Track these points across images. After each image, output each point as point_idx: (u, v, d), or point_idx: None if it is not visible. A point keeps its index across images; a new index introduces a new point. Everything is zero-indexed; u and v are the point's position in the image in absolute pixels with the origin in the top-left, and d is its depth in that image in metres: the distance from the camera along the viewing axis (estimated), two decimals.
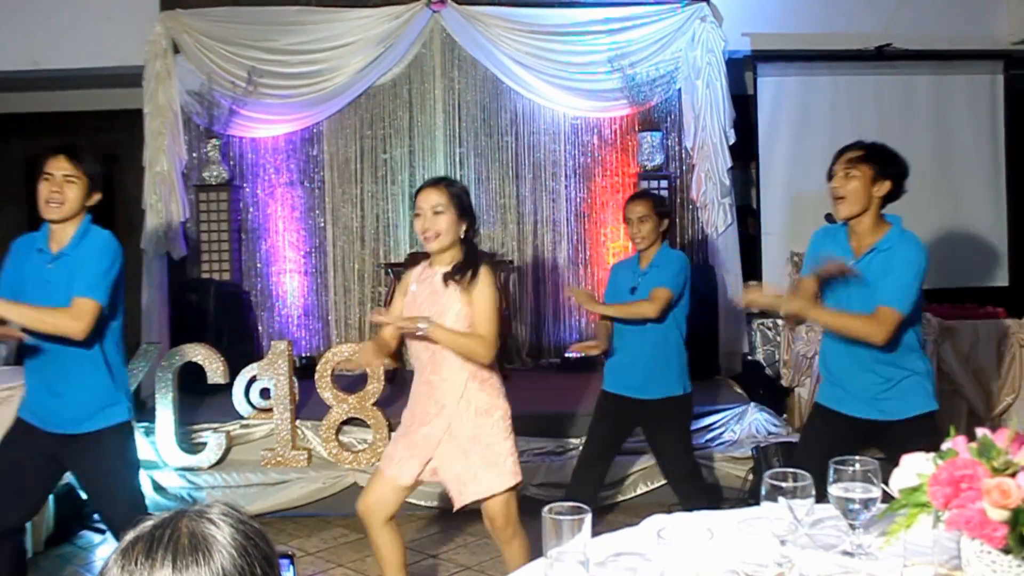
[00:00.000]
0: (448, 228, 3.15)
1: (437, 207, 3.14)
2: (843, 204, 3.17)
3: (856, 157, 3.17)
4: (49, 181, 3.14)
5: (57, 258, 3.16)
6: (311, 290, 7.51)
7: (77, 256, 3.16)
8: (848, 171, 3.16)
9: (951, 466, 1.46)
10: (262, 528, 1.14)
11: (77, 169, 3.16)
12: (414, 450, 3.20)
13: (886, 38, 7.23)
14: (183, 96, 7.11)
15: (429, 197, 3.16)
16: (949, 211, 7.36)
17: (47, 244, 3.19)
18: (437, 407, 3.18)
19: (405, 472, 3.20)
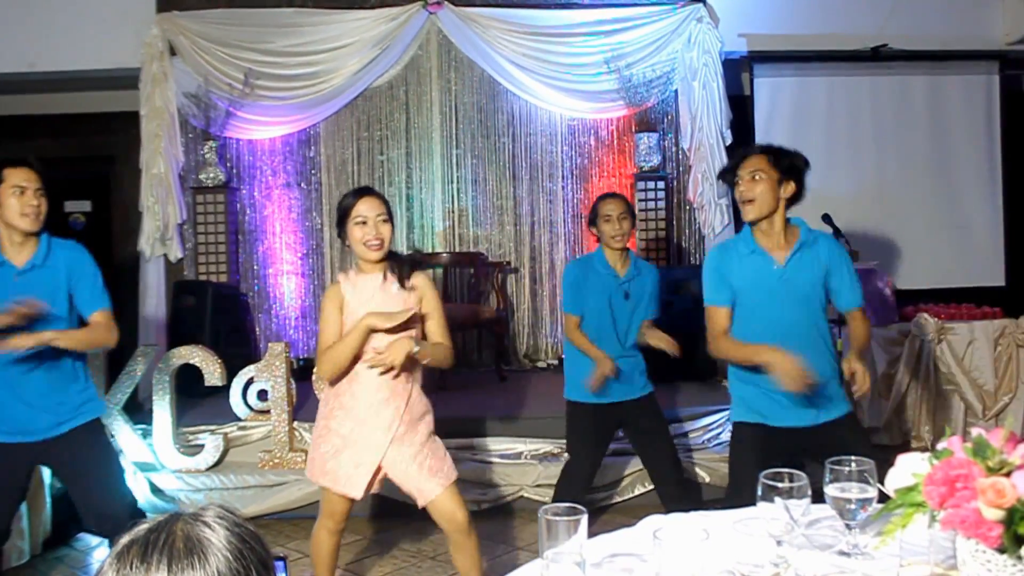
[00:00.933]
0: (388, 238, 3.20)
1: (382, 215, 3.19)
2: (752, 207, 3.16)
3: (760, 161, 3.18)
4: (24, 194, 3.16)
5: (26, 271, 3.19)
6: (308, 292, 7.51)
7: (52, 265, 3.22)
8: (754, 174, 3.16)
9: (946, 466, 1.46)
10: (257, 531, 1.14)
11: (41, 181, 3.21)
12: (361, 459, 3.20)
13: (882, 39, 7.25)
14: (180, 98, 7.11)
15: (374, 205, 3.19)
16: (945, 211, 7.38)
17: (7, 258, 3.20)
18: (387, 414, 3.19)
19: (358, 485, 3.21)
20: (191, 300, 6.60)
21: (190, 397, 5.65)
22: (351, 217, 3.18)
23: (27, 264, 3.19)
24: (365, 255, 3.20)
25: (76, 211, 8.41)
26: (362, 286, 3.23)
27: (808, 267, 3.18)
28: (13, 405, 3.21)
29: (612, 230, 3.98)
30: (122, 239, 7.90)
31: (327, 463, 3.22)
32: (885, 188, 7.18)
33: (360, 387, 3.19)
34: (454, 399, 5.97)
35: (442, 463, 3.25)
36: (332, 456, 3.22)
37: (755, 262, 3.19)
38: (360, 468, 3.20)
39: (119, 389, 5.08)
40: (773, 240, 3.20)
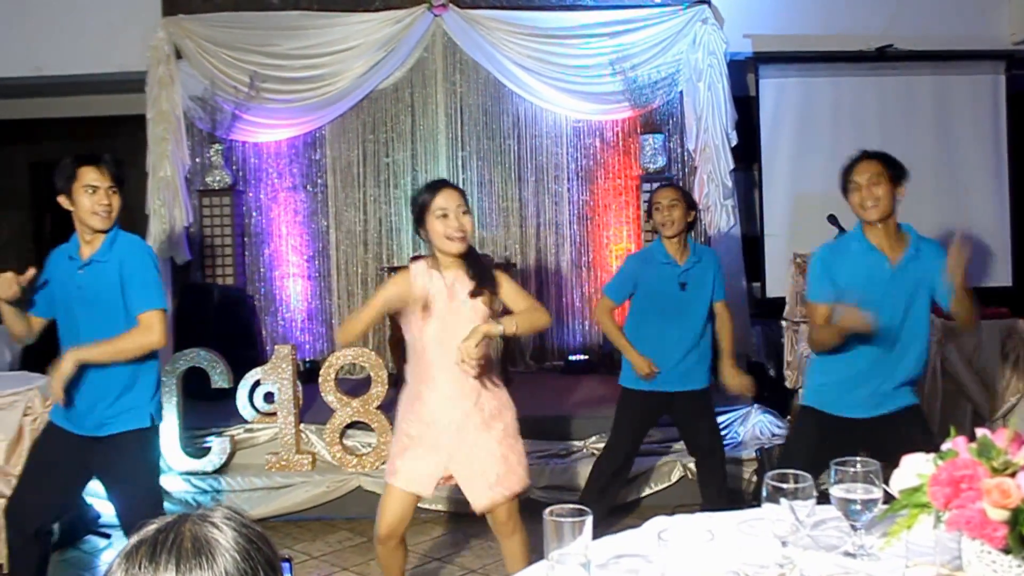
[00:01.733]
0: (470, 229, 3.14)
1: (462, 206, 3.13)
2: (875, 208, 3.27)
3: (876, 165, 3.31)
4: (96, 192, 3.23)
5: (88, 264, 3.26)
6: (315, 294, 7.53)
7: (112, 259, 3.26)
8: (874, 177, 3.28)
9: (951, 466, 1.46)
10: (264, 532, 1.15)
11: (117, 179, 3.28)
12: (429, 459, 3.16)
13: (887, 39, 7.24)
14: (186, 101, 7.12)
15: (453, 197, 3.12)
16: (952, 211, 7.35)
17: (77, 252, 3.30)
18: (451, 412, 3.15)
19: (424, 484, 3.17)
20: (198, 303, 6.62)
21: (197, 399, 5.66)
22: (431, 211, 3.10)
23: (89, 258, 3.27)
24: (448, 248, 3.11)
25: None
26: (436, 285, 3.13)
27: (918, 271, 3.28)
28: (71, 394, 3.26)
29: (661, 218, 4.08)
30: None
31: (396, 462, 3.20)
32: None
33: (427, 388, 3.16)
34: None
35: (511, 471, 3.17)
36: (401, 456, 3.19)
37: (869, 260, 3.29)
38: (429, 469, 3.16)
39: None
40: (887, 242, 3.31)
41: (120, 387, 3.30)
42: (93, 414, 3.29)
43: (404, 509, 3.20)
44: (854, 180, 3.32)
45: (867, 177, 3.28)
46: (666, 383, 4.13)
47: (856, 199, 3.32)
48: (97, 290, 3.23)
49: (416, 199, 3.19)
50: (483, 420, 3.15)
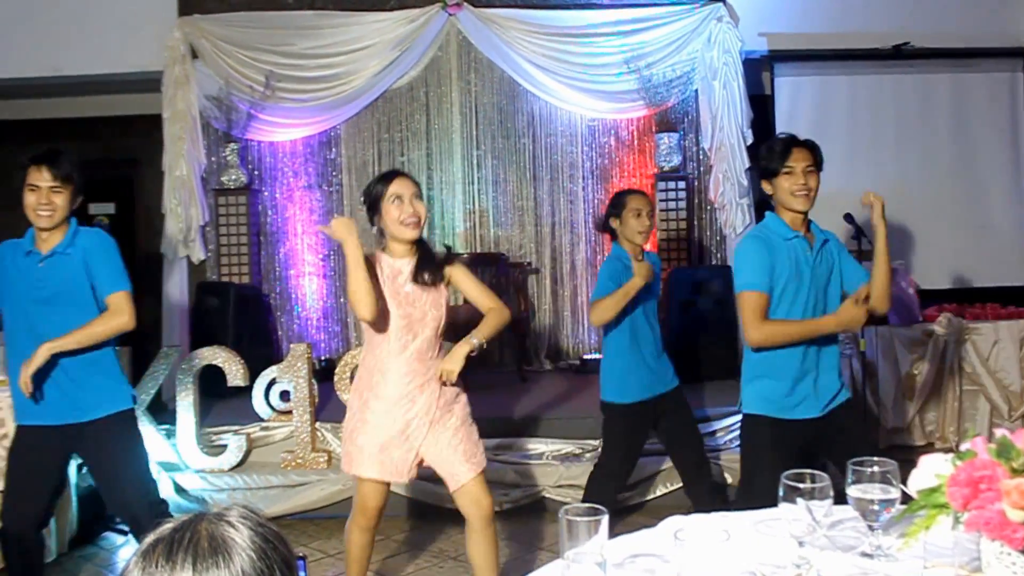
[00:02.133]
0: (424, 215, 3.21)
1: (416, 193, 3.20)
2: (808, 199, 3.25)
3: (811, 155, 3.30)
4: (36, 192, 3.24)
5: (49, 256, 3.28)
6: (330, 293, 7.54)
7: (75, 252, 3.29)
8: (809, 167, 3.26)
9: (970, 467, 1.45)
10: (280, 531, 1.15)
11: (58, 179, 3.26)
12: (405, 446, 3.22)
13: (904, 37, 7.19)
14: (201, 101, 7.15)
15: (408, 184, 3.20)
16: (969, 210, 7.32)
17: (35, 246, 3.31)
18: (424, 400, 3.21)
19: (403, 471, 3.23)
20: (214, 301, 6.65)
21: (213, 398, 5.68)
22: (385, 197, 3.17)
23: (50, 251, 3.29)
24: (402, 234, 3.18)
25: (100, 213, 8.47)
26: (392, 272, 3.20)
27: (828, 256, 3.30)
28: (44, 387, 3.28)
29: (639, 227, 3.99)
30: (145, 241, 7.96)
31: (368, 455, 3.22)
32: (907, 188, 7.11)
33: (393, 377, 3.20)
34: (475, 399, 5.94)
35: (476, 448, 3.29)
36: (373, 447, 3.21)
37: (796, 247, 3.24)
38: (403, 455, 3.21)
39: (143, 390, 5.11)
40: (802, 229, 3.29)
41: (103, 370, 3.35)
42: (75, 399, 3.30)
43: (384, 497, 3.31)
44: (789, 165, 3.24)
45: (804, 166, 3.24)
46: (651, 388, 4.04)
47: (787, 184, 3.23)
48: (60, 281, 3.25)
49: (370, 189, 3.25)
50: (446, 402, 3.26)
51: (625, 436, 4.11)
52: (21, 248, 3.32)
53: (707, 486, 4.18)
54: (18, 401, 3.36)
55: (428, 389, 3.22)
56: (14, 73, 7.30)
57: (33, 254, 3.29)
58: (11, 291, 3.30)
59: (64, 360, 3.26)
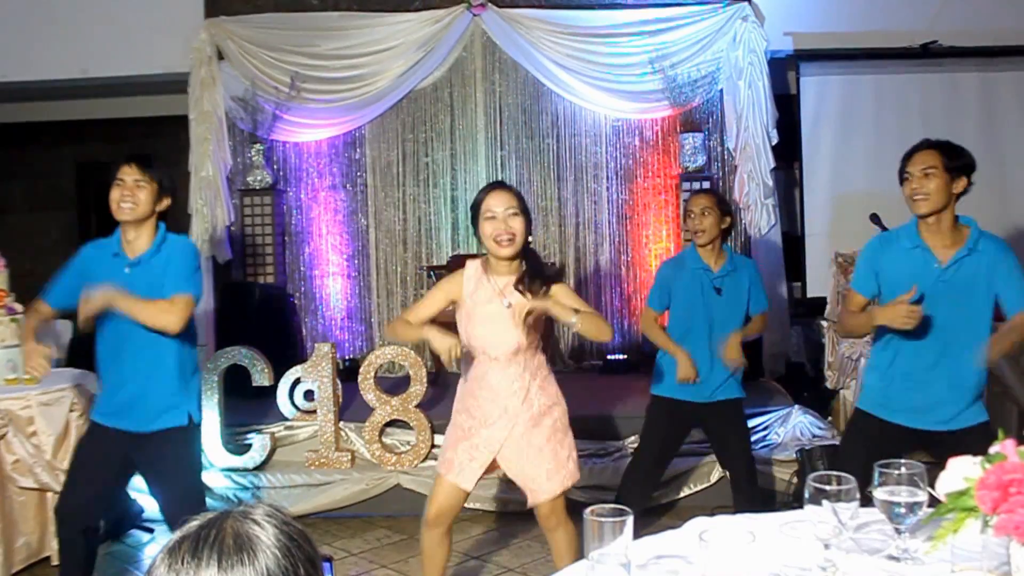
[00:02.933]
0: (521, 232, 3.10)
1: (511, 209, 3.09)
2: (925, 202, 3.12)
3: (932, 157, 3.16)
4: (120, 186, 3.30)
5: (136, 264, 3.31)
6: (354, 293, 7.57)
7: (159, 261, 3.33)
8: (926, 170, 3.13)
9: (999, 470, 1.43)
10: (305, 529, 1.16)
11: (145, 175, 3.32)
12: (475, 453, 3.20)
13: (931, 35, 7.12)
14: (227, 102, 7.20)
15: (503, 199, 3.10)
16: (998, 211, 7.23)
17: (121, 249, 3.35)
18: (499, 409, 3.18)
19: (467, 477, 3.21)
20: (239, 301, 6.68)
21: (238, 397, 5.71)
22: (481, 212, 3.11)
23: (137, 257, 3.32)
24: (495, 251, 3.10)
25: None
26: (484, 287, 3.16)
27: (973, 270, 3.13)
28: (112, 391, 3.34)
29: (693, 225, 4.02)
30: None
31: (447, 453, 3.25)
32: None
33: (479, 384, 3.20)
34: None
35: (561, 466, 3.20)
36: (450, 446, 3.25)
37: (915, 258, 3.16)
38: (473, 462, 3.20)
39: None
40: (939, 238, 3.16)
41: (166, 383, 3.36)
42: (138, 409, 3.33)
43: (453, 499, 3.25)
44: (908, 171, 3.18)
45: (920, 168, 3.13)
46: (701, 393, 4.03)
47: (907, 190, 3.17)
48: (144, 289, 3.27)
49: (475, 199, 3.21)
50: (532, 417, 3.18)
51: (655, 429, 4.15)
52: (108, 249, 3.36)
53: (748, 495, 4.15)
54: (98, 397, 3.47)
55: (511, 403, 3.17)
56: (42, 75, 7.39)
57: (120, 256, 3.33)
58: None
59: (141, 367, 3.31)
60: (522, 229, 3.10)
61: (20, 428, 4.32)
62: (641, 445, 4.28)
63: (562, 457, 3.21)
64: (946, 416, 3.16)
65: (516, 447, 3.18)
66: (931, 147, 3.19)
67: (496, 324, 3.13)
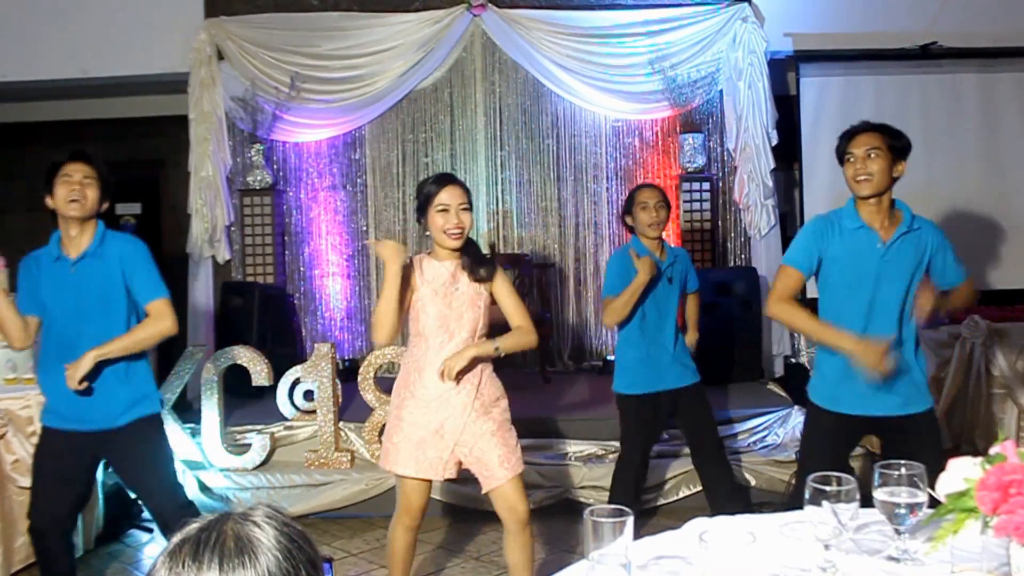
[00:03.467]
0: (469, 226, 3.26)
1: (463, 204, 3.24)
2: (868, 183, 3.16)
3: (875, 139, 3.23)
4: (68, 183, 3.26)
5: (80, 260, 3.28)
6: (354, 293, 7.57)
7: (107, 255, 3.30)
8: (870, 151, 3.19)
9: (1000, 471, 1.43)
10: (305, 530, 1.16)
11: (94, 171, 3.30)
12: (436, 444, 3.23)
13: (931, 36, 7.12)
14: (227, 102, 7.20)
15: (455, 193, 3.24)
16: (997, 212, 7.24)
17: (62, 252, 3.31)
18: (460, 400, 3.23)
19: (438, 468, 3.25)
20: (238, 301, 6.68)
21: (238, 397, 5.71)
22: (433, 204, 3.23)
23: (80, 255, 3.28)
24: (445, 243, 3.24)
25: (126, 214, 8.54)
26: (434, 273, 3.26)
27: (911, 250, 3.19)
28: (71, 394, 3.27)
29: (647, 220, 4.03)
30: (171, 241, 8.02)
31: (404, 452, 3.25)
32: (935, 188, 7.04)
33: (429, 376, 3.23)
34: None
35: (512, 452, 3.28)
36: (409, 444, 3.24)
37: (859, 238, 3.19)
38: (438, 453, 3.23)
39: (168, 389, 5.15)
40: (879, 219, 3.20)
41: (135, 375, 3.37)
42: (104, 406, 3.31)
43: (425, 495, 3.33)
44: (850, 151, 3.22)
45: (864, 149, 3.19)
46: (664, 381, 4.08)
47: (850, 172, 3.21)
48: (95, 284, 3.27)
49: (421, 189, 3.31)
50: (483, 405, 3.27)
51: (637, 428, 4.16)
52: (48, 256, 3.32)
53: (726, 488, 4.17)
54: (47, 403, 3.39)
55: (464, 390, 3.24)
56: (42, 75, 7.38)
57: (62, 260, 3.29)
58: (52, 299, 3.29)
59: (103, 366, 3.27)
60: (470, 223, 3.26)
61: (20, 428, 4.32)
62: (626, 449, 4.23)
63: (511, 444, 3.29)
64: (898, 402, 3.17)
65: (470, 433, 3.24)
66: (873, 129, 3.28)
67: (455, 302, 3.23)
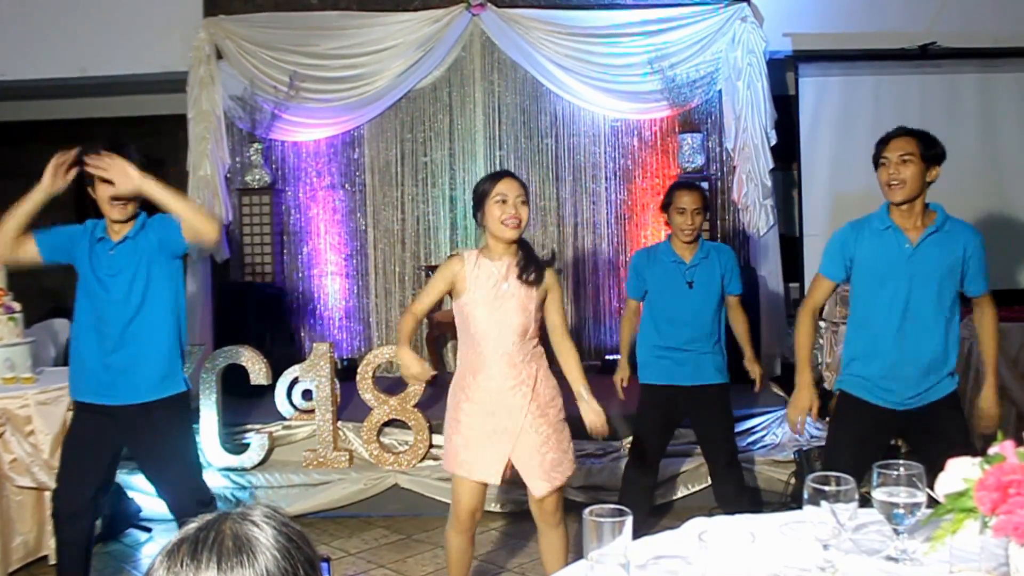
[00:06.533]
0: (526, 219, 3.24)
1: (521, 197, 3.23)
2: (901, 189, 3.20)
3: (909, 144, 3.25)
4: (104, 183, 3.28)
5: (120, 243, 3.35)
6: (352, 292, 7.56)
7: (144, 239, 3.36)
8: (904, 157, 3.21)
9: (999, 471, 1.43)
10: (303, 530, 1.16)
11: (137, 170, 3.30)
12: (493, 448, 3.22)
13: (930, 36, 7.12)
14: (226, 101, 7.19)
15: (515, 186, 3.23)
16: (996, 212, 7.24)
17: (106, 234, 3.39)
18: (516, 401, 3.22)
19: (493, 472, 3.24)
20: (237, 301, 6.68)
21: (236, 396, 5.71)
22: (491, 196, 3.21)
23: (121, 238, 3.36)
24: (502, 233, 3.21)
25: None
26: (485, 272, 3.24)
27: (939, 251, 3.23)
28: (103, 368, 3.32)
29: (682, 223, 4.04)
30: None
31: (461, 454, 3.25)
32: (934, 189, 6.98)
33: (485, 377, 3.23)
34: None
35: (564, 456, 3.29)
36: (465, 447, 3.24)
37: (887, 238, 3.25)
38: (495, 456, 3.22)
39: None
40: (910, 221, 3.25)
41: (163, 353, 3.38)
42: (136, 377, 3.33)
43: (478, 498, 3.30)
44: (885, 156, 3.26)
45: (898, 155, 3.22)
46: (680, 377, 4.09)
47: (883, 176, 3.25)
48: (132, 263, 3.32)
49: (479, 185, 3.29)
50: (539, 406, 3.25)
51: (646, 417, 4.19)
52: (95, 234, 3.39)
53: (733, 487, 4.18)
54: (75, 378, 3.43)
55: (520, 392, 3.22)
56: (41, 73, 7.38)
57: (105, 240, 3.37)
58: (85, 273, 3.36)
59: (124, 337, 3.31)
60: (527, 218, 3.24)
61: (18, 427, 4.32)
62: (637, 437, 4.29)
63: (564, 447, 3.29)
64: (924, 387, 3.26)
65: (526, 436, 3.22)
66: (908, 134, 3.30)
67: (505, 305, 3.21)
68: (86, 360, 3.37)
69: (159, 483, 3.55)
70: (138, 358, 3.34)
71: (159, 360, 3.38)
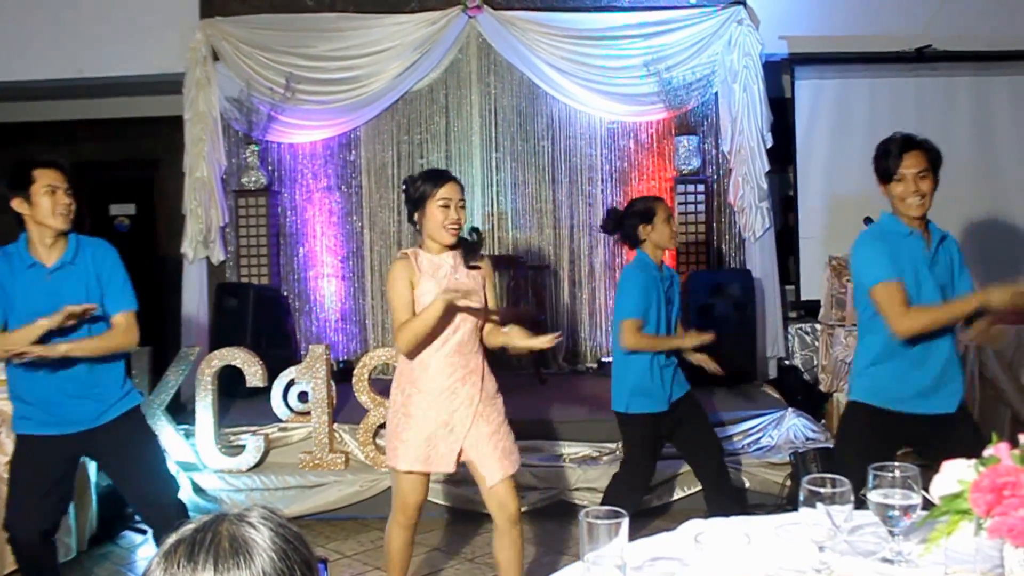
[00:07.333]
0: (464, 222, 3.34)
1: (461, 201, 3.32)
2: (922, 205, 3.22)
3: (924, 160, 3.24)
4: (56, 193, 3.22)
5: (57, 269, 3.26)
6: (348, 294, 7.56)
7: (82, 263, 3.29)
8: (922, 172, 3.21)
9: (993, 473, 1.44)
10: (300, 532, 1.16)
11: (67, 180, 3.27)
12: (451, 438, 3.26)
13: (925, 39, 7.14)
14: (222, 103, 7.19)
15: (456, 190, 3.31)
16: (991, 214, 7.25)
17: (35, 259, 3.26)
18: (467, 391, 3.28)
19: (449, 462, 3.29)
20: (233, 302, 6.67)
21: (232, 398, 5.70)
22: (434, 199, 3.26)
23: (57, 263, 3.26)
24: (442, 238, 3.29)
25: (121, 214, 8.54)
26: (434, 266, 3.30)
27: (947, 257, 3.31)
28: (55, 397, 3.27)
29: (672, 233, 4.03)
30: (166, 241, 8.02)
31: (414, 448, 3.26)
32: None
33: (436, 370, 3.27)
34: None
35: (513, 447, 3.36)
36: (419, 440, 3.26)
37: (912, 243, 3.25)
38: (449, 446, 3.27)
39: (162, 390, 5.15)
40: (919, 229, 3.29)
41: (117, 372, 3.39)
42: (88, 408, 3.30)
43: (425, 491, 3.38)
44: (901, 172, 3.21)
45: (917, 171, 3.20)
46: (665, 399, 4.00)
47: (898, 190, 3.22)
48: (70, 293, 3.22)
49: (417, 183, 3.31)
50: (488, 396, 3.34)
51: (644, 447, 4.07)
52: (20, 260, 3.26)
53: (727, 493, 4.17)
54: (19, 411, 3.34)
55: (470, 381, 3.29)
56: (38, 75, 7.37)
57: (37, 267, 3.25)
58: (15, 305, 3.23)
59: (77, 366, 3.26)
60: (464, 219, 3.34)
61: None
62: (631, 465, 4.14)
63: (510, 440, 3.36)
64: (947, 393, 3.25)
65: (477, 426, 3.29)
66: (920, 148, 3.26)
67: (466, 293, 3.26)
68: (36, 392, 3.28)
69: (128, 492, 3.53)
70: (93, 382, 3.31)
71: (115, 379, 3.38)
